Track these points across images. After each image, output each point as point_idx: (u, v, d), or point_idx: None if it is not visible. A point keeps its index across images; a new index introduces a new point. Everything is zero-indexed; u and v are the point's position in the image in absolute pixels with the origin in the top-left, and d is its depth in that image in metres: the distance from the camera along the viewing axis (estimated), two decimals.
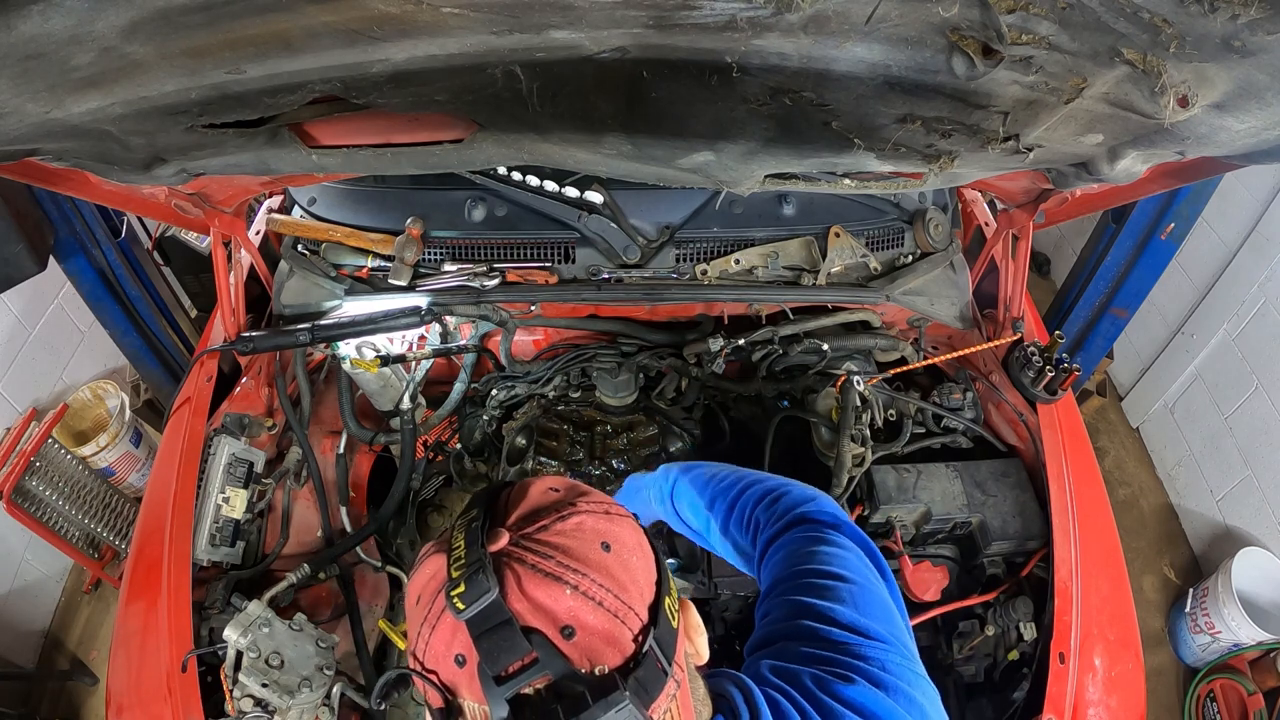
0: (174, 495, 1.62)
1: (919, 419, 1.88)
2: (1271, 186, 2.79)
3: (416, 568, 0.74)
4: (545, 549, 0.67)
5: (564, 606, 0.65)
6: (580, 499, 0.73)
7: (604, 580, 0.67)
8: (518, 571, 0.66)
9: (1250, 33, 0.72)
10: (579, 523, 0.70)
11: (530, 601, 0.64)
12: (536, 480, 0.78)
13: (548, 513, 0.71)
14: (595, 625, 0.65)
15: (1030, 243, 1.87)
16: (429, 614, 0.68)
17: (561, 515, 0.71)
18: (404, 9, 0.80)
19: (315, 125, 1.22)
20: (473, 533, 0.69)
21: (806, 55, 0.89)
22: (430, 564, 0.71)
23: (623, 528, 0.73)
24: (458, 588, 0.64)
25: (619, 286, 1.87)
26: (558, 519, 0.70)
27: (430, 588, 0.69)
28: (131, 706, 1.45)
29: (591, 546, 0.69)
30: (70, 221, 2.60)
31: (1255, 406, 2.90)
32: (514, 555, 0.67)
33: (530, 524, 0.70)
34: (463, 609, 0.63)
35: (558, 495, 0.74)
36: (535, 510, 0.72)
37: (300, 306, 1.95)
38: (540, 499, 0.74)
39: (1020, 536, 1.68)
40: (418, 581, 0.72)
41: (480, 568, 0.64)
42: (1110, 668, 1.49)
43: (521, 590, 0.65)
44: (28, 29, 0.75)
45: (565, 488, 0.76)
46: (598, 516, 0.72)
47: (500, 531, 0.69)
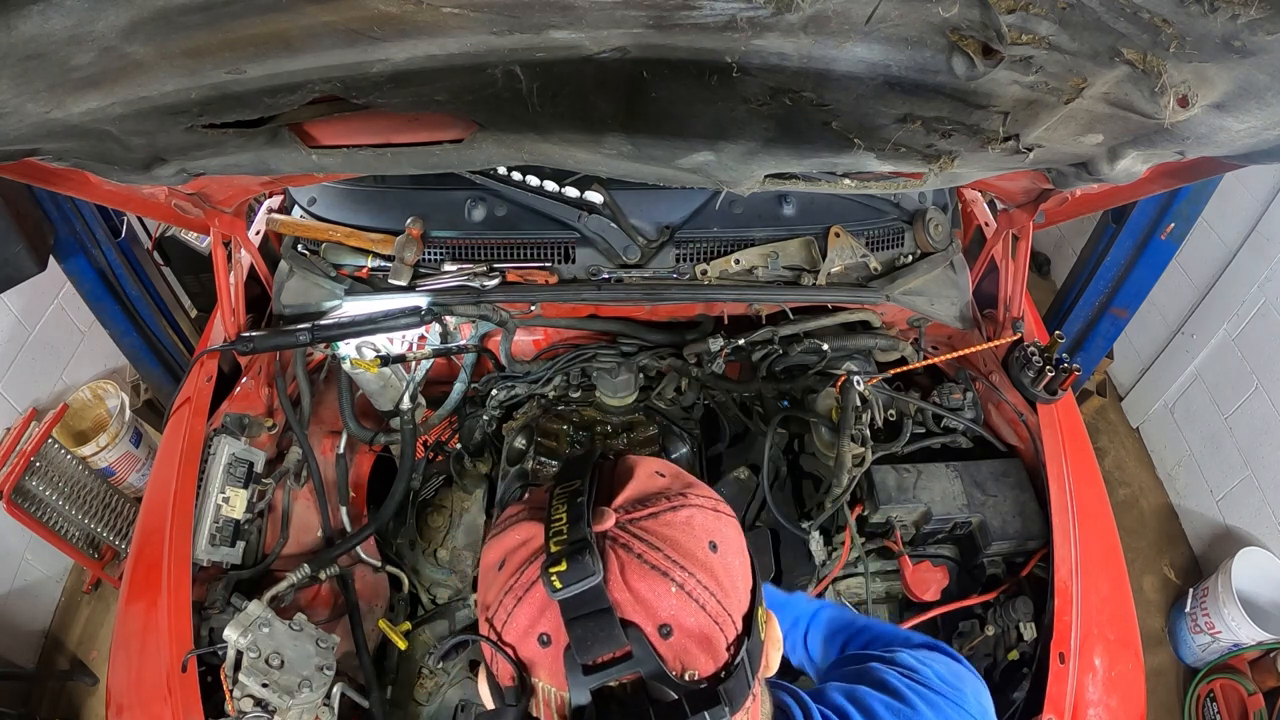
0: (174, 495, 1.61)
1: (919, 419, 1.88)
2: (1271, 186, 2.79)
3: (502, 529, 0.70)
4: (653, 539, 0.64)
5: (666, 604, 0.62)
6: (690, 490, 0.70)
7: (708, 581, 0.64)
8: (622, 559, 0.62)
9: (1250, 33, 0.72)
10: (689, 516, 0.67)
11: (632, 593, 0.61)
12: (642, 460, 0.74)
13: (657, 499, 0.67)
14: (693, 628, 0.62)
15: (1030, 243, 1.87)
16: (515, 583, 0.64)
17: (673, 505, 0.67)
18: (404, 9, 0.80)
19: (315, 125, 1.22)
20: (577, 507, 0.65)
21: (806, 55, 0.89)
22: (521, 530, 0.67)
23: (730, 528, 0.70)
24: (558, 564, 0.60)
25: (619, 286, 1.87)
26: (669, 509, 0.67)
27: (520, 555, 0.65)
28: (131, 706, 1.44)
29: (699, 544, 0.65)
30: (70, 221, 2.61)
31: (1255, 406, 2.90)
32: (619, 540, 0.64)
33: (639, 509, 0.66)
34: (560, 588, 0.59)
35: (665, 481, 0.71)
36: (645, 495, 0.68)
37: (300, 306, 1.95)
38: (649, 483, 0.70)
39: (1020, 536, 1.68)
40: (504, 545, 0.68)
41: (585, 547, 0.60)
42: (1110, 668, 1.49)
43: (624, 579, 0.62)
44: (28, 29, 0.75)
45: (672, 474, 0.73)
46: (708, 513, 0.69)
47: (606, 511, 0.65)
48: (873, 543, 1.79)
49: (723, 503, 0.72)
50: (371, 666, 1.63)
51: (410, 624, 1.78)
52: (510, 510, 0.73)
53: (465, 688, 1.77)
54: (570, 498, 0.66)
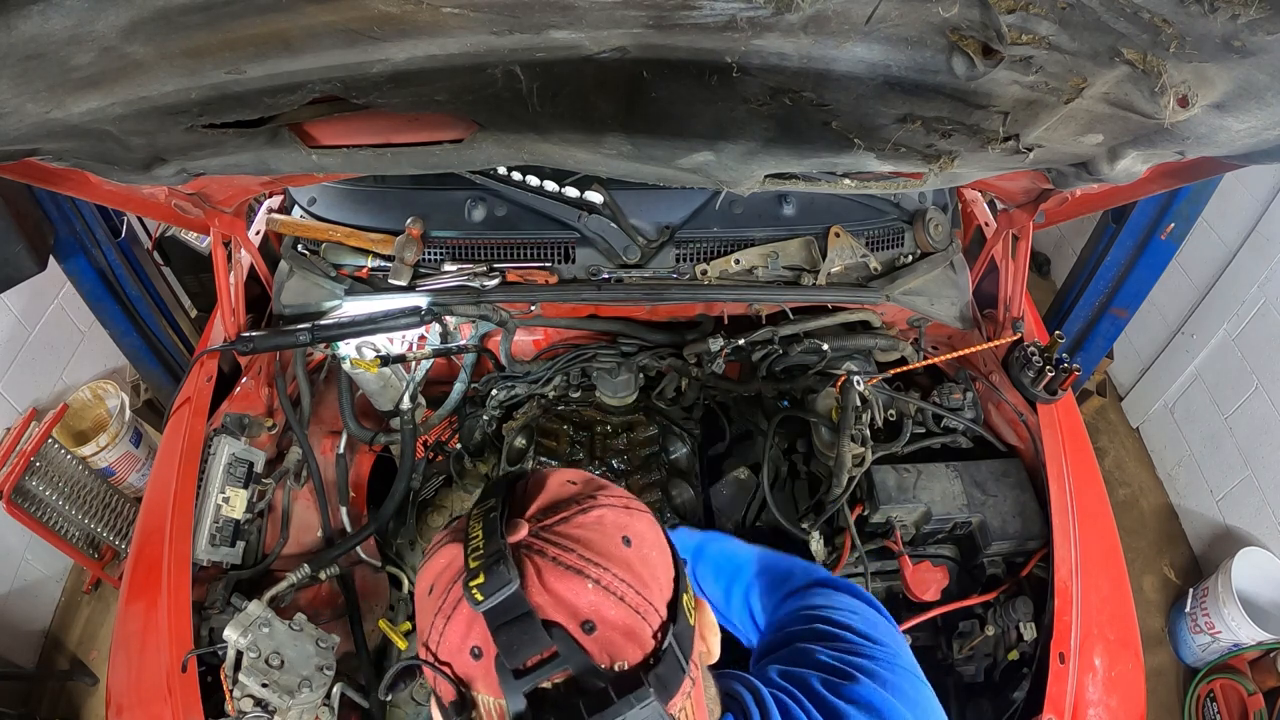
0: (174, 495, 1.61)
1: (919, 419, 1.88)
2: (1271, 186, 2.79)
3: (428, 558, 0.72)
4: (566, 541, 0.66)
5: (585, 600, 0.64)
6: (600, 492, 0.72)
7: (625, 575, 0.66)
8: (538, 564, 0.65)
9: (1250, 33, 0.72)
10: (600, 516, 0.69)
11: (551, 594, 0.63)
12: (554, 472, 0.76)
13: (567, 505, 0.70)
14: (616, 620, 0.64)
15: (1030, 243, 1.87)
16: (443, 604, 0.66)
17: (582, 508, 0.69)
18: (404, 9, 0.80)
19: (315, 125, 1.22)
20: (491, 522, 0.67)
21: (806, 55, 0.89)
22: (445, 553, 0.70)
23: (642, 523, 0.72)
24: (476, 578, 0.62)
25: (619, 286, 1.87)
26: (579, 511, 0.69)
27: (445, 577, 0.68)
28: (131, 706, 1.45)
29: (613, 540, 0.68)
30: (70, 221, 2.61)
31: (1255, 406, 2.90)
32: (534, 547, 0.66)
33: (550, 516, 0.69)
34: (481, 600, 0.62)
35: (576, 488, 0.73)
36: (555, 502, 0.71)
37: (300, 306, 1.95)
38: (559, 491, 0.73)
39: (1020, 536, 1.68)
40: (431, 571, 0.70)
41: (500, 558, 0.63)
42: (1110, 668, 1.49)
43: (542, 583, 0.64)
44: (28, 29, 0.75)
45: (583, 480, 0.75)
46: (618, 510, 0.71)
47: (519, 522, 0.68)
48: (873, 543, 1.78)
49: (634, 500, 0.75)
50: (371, 666, 1.63)
51: (410, 624, 1.78)
52: (436, 538, 0.75)
53: None
54: (485, 515, 0.69)
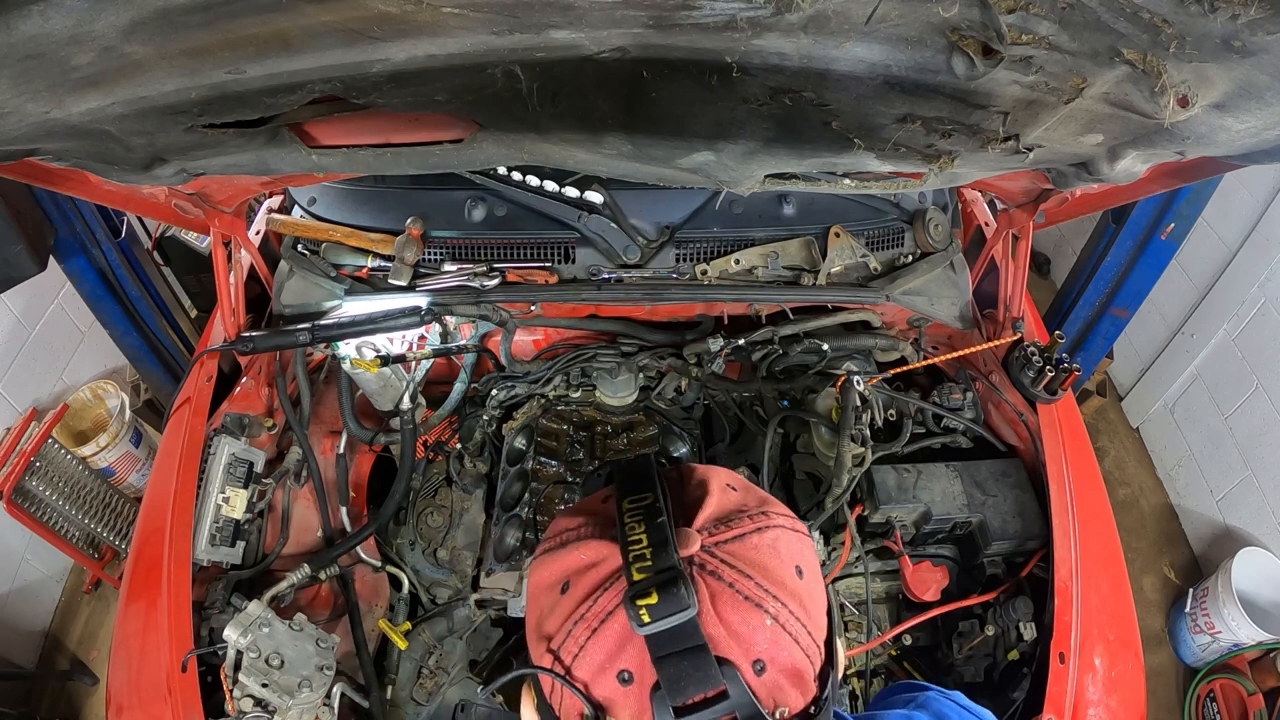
0: (174, 495, 1.62)
1: (919, 419, 1.88)
2: (1271, 186, 2.79)
3: (559, 543, 0.64)
4: (743, 565, 0.59)
5: (761, 638, 0.57)
6: (769, 508, 0.65)
7: (799, 611, 0.59)
8: (713, 589, 0.57)
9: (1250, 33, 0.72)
10: (775, 539, 0.61)
11: (726, 627, 0.56)
12: (713, 471, 0.68)
13: (739, 519, 0.62)
14: (786, 662, 0.58)
15: (1030, 243, 1.87)
16: (587, 611, 0.58)
17: (757, 526, 0.62)
18: (404, 9, 0.80)
19: (315, 125, 1.22)
20: (658, 528, 0.58)
21: (806, 55, 0.89)
22: (589, 550, 0.61)
23: (810, 550, 0.65)
24: (647, 596, 0.54)
25: (619, 286, 1.87)
26: (754, 530, 0.61)
27: (590, 579, 0.59)
28: (131, 706, 1.45)
29: (787, 569, 0.60)
30: (70, 221, 2.61)
31: (1255, 406, 2.90)
32: (707, 567, 0.58)
33: (722, 530, 0.61)
34: (648, 622, 0.54)
35: (740, 497, 0.65)
36: (725, 514, 0.63)
37: (300, 306, 1.95)
38: (725, 498, 0.64)
39: (1020, 536, 1.68)
40: (565, 564, 0.62)
41: (676, 577, 0.55)
42: (1110, 668, 1.49)
43: (717, 612, 0.56)
44: (28, 29, 0.75)
45: (743, 488, 0.67)
46: (790, 534, 0.63)
47: (691, 534, 0.60)
48: (873, 543, 1.79)
49: (799, 520, 0.67)
50: (371, 666, 1.63)
51: (410, 624, 1.78)
52: (565, 523, 0.66)
53: (465, 688, 1.77)
54: (647, 515, 0.60)
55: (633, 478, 0.65)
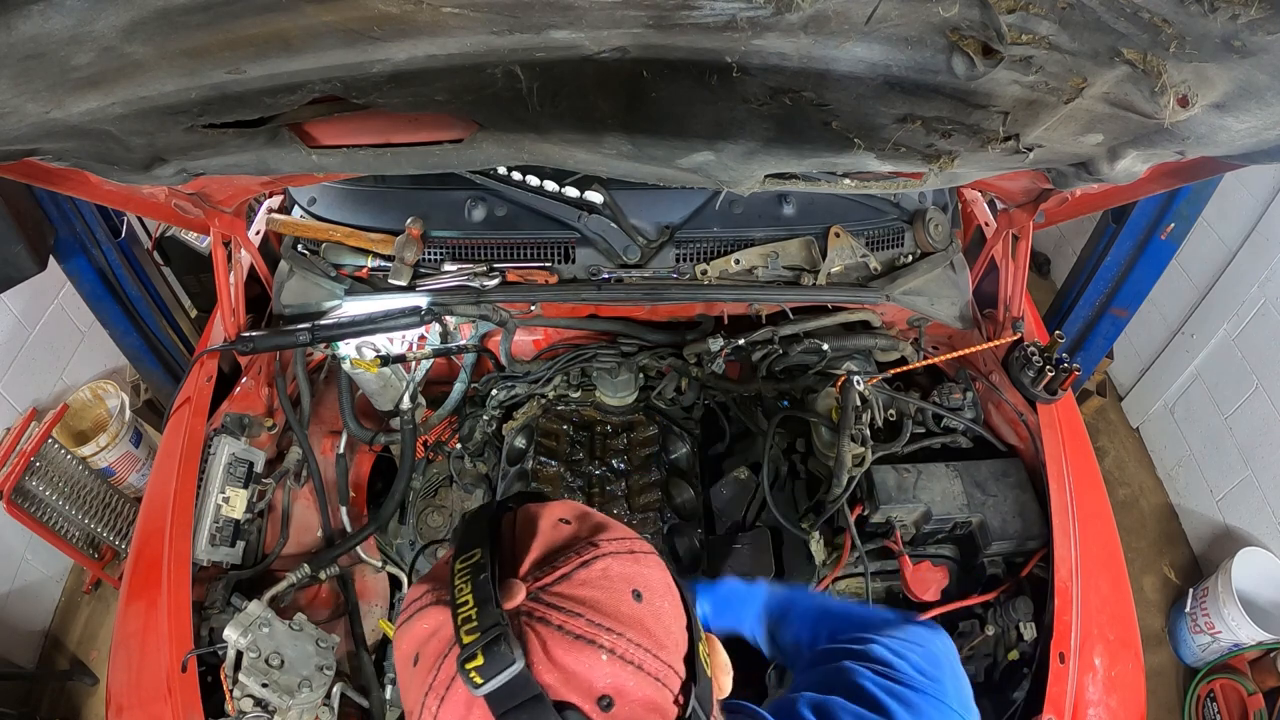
0: (174, 495, 1.62)
1: (919, 419, 1.88)
2: (1271, 186, 2.79)
3: (408, 618, 0.62)
4: (571, 604, 0.58)
5: (600, 674, 0.56)
6: (600, 535, 0.63)
7: (640, 638, 0.58)
8: (542, 635, 0.56)
9: (1250, 33, 0.72)
10: (605, 568, 0.61)
11: (561, 670, 0.56)
12: (543, 509, 0.66)
13: (565, 556, 0.61)
14: (635, 692, 0.57)
15: (1030, 243, 1.87)
16: (434, 682, 0.58)
17: (584, 560, 0.60)
18: (404, 9, 0.80)
19: (315, 125, 1.22)
20: (481, 585, 0.58)
21: (806, 55, 0.89)
22: (429, 618, 0.60)
23: (651, 569, 0.64)
24: (474, 659, 0.54)
25: (619, 286, 1.87)
26: (580, 565, 0.60)
27: (432, 649, 0.59)
28: (131, 706, 1.45)
29: (622, 597, 0.60)
30: (70, 221, 2.61)
31: (1255, 406, 2.90)
32: (535, 614, 0.57)
33: (548, 571, 0.60)
34: (481, 684, 0.53)
35: (571, 529, 0.64)
36: (550, 552, 0.62)
37: (300, 306, 1.95)
38: (553, 536, 0.63)
39: (1020, 536, 1.68)
40: (412, 637, 0.61)
41: (500, 634, 0.54)
42: (1110, 668, 1.49)
43: (549, 657, 0.56)
44: (28, 29, 0.75)
45: (576, 517, 0.66)
46: (623, 558, 0.62)
47: (515, 584, 0.59)
48: (873, 543, 1.78)
49: (638, 540, 0.66)
50: (371, 666, 1.63)
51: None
52: (415, 591, 0.64)
53: None
54: (473, 572, 0.59)
55: (467, 533, 0.64)
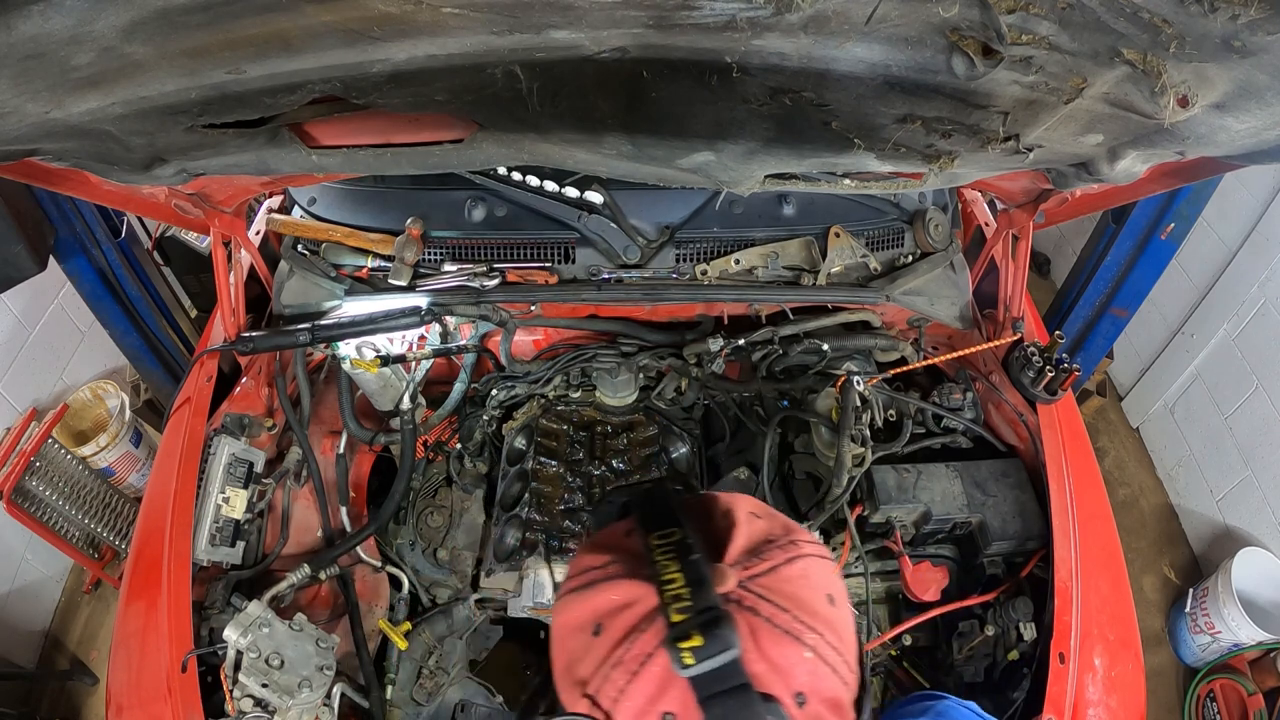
0: (174, 495, 1.62)
1: (919, 419, 1.88)
2: (1271, 186, 2.79)
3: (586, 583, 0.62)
4: (778, 598, 0.59)
5: (801, 670, 0.57)
6: (796, 535, 0.64)
7: (834, 640, 0.59)
8: (752, 624, 0.57)
9: (1250, 33, 0.72)
10: (805, 568, 0.62)
11: (768, 663, 0.56)
12: (735, 499, 0.67)
13: (769, 550, 0.62)
14: (826, 692, 0.58)
15: (1030, 243, 1.87)
16: (624, 655, 0.57)
17: (789, 558, 0.62)
18: (404, 9, 0.80)
19: (315, 125, 1.22)
20: (692, 565, 0.58)
21: (806, 55, 0.89)
22: (619, 589, 0.60)
23: (837, 575, 0.65)
24: (688, 639, 0.53)
25: (619, 286, 1.87)
26: (785, 561, 0.61)
27: (623, 621, 0.58)
28: (131, 706, 1.45)
29: (819, 598, 0.61)
30: (70, 221, 2.61)
31: (1255, 406, 2.90)
32: (744, 603, 0.58)
33: (755, 563, 0.61)
34: (691, 664, 0.53)
35: (765, 525, 0.65)
36: (754, 544, 0.63)
37: (300, 306, 1.95)
38: (752, 528, 0.64)
39: (1020, 536, 1.68)
40: (595, 605, 0.61)
41: (719, 618, 0.54)
42: (1110, 668, 1.49)
43: (758, 648, 0.56)
44: (28, 29, 0.75)
45: (767, 514, 0.67)
46: (819, 562, 0.63)
47: (726, 570, 0.59)
48: (872, 543, 1.78)
49: (823, 545, 0.67)
50: (371, 666, 1.63)
51: (410, 624, 1.78)
52: (589, 560, 0.64)
53: (465, 687, 1.77)
54: (679, 552, 0.59)
55: (655, 511, 0.64)
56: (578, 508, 1.91)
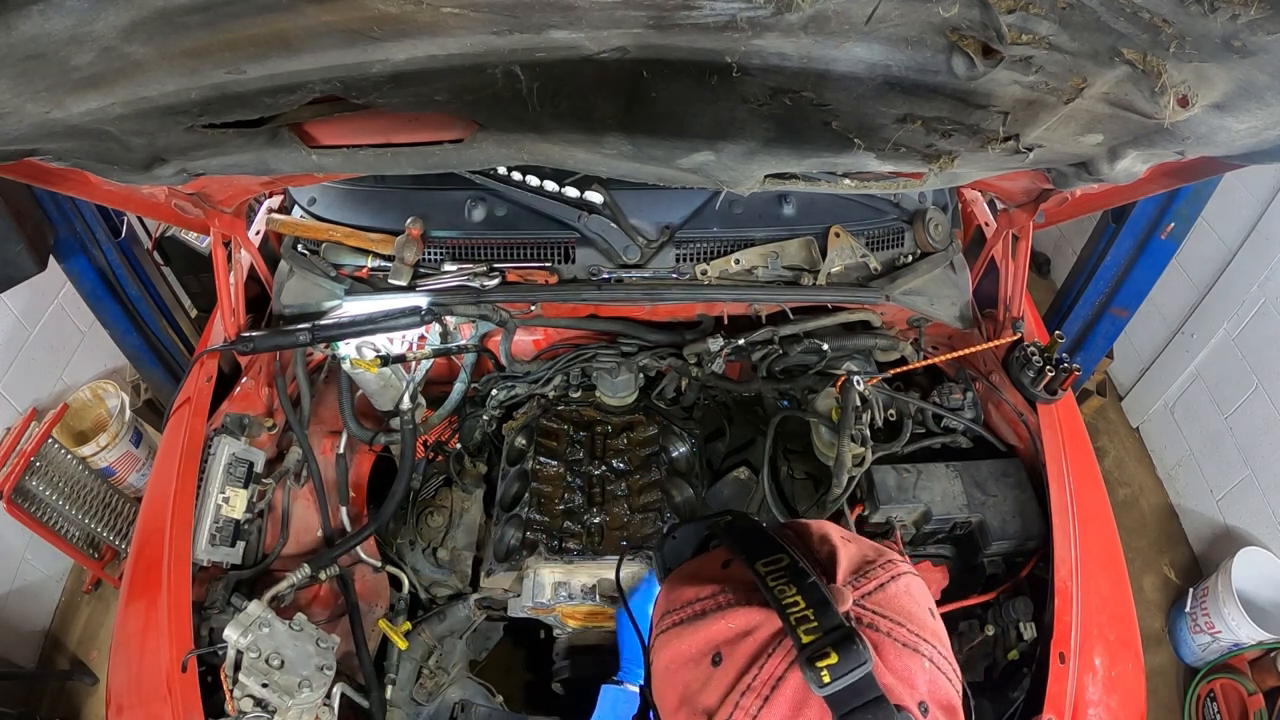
0: (174, 495, 1.61)
1: (919, 419, 1.88)
2: (1271, 186, 2.79)
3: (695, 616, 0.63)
4: (892, 614, 0.61)
5: (922, 680, 0.60)
6: (888, 554, 0.67)
7: (943, 649, 0.62)
8: (874, 640, 0.59)
9: (1250, 33, 0.72)
10: (908, 585, 0.65)
11: (896, 675, 0.58)
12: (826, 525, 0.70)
13: (872, 569, 0.65)
14: (944, 699, 0.61)
15: (1030, 243, 1.87)
16: (754, 681, 0.58)
17: (893, 575, 0.65)
18: (404, 9, 0.80)
19: (315, 125, 1.22)
20: (810, 588, 0.59)
21: (806, 55, 0.89)
22: (733, 617, 0.61)
23: (928, 590, 0.67)
24: (825, 657, 0.55)
25: (619, 286, 1.87)
26: (890, 579, 0.64)
27: (746, 648, 0.60)
28: (131, 706, 1.45)
29: (924, 611, 0.64)
30: (70, 221, 2.61)
31: (1255, 406, 2.90)
32: (864, 620, 0.61)
33: (864, 582, 0.63)
34: (828, 682, 0.54)
35: (856, 546, 0.68)
36: (859, 566, 0.65)
37: (300, 306, 1.95)
38: (849, 550, 0.66)
39: (1020, 536, 1.68)
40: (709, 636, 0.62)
41: (847, 634, 0.56)
42: (1110, 668, 1.49)
43: (884, 662, 0.58)
44: (28, 29, 0.75)
45: (854, 539, 0.69)
46: (916, 579, 0.66)
47: (842, 590, 0.61)
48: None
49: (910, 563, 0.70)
50: (371, 666, 1.63)
51: (410, 624, 1.78)
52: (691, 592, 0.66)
53: (465, 687, 1.77)
54: (793, 577, 0.61)
55: (753, 540, 0.66)
56: (578, 508, 1.91)
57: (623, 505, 1.91)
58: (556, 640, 1.86)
